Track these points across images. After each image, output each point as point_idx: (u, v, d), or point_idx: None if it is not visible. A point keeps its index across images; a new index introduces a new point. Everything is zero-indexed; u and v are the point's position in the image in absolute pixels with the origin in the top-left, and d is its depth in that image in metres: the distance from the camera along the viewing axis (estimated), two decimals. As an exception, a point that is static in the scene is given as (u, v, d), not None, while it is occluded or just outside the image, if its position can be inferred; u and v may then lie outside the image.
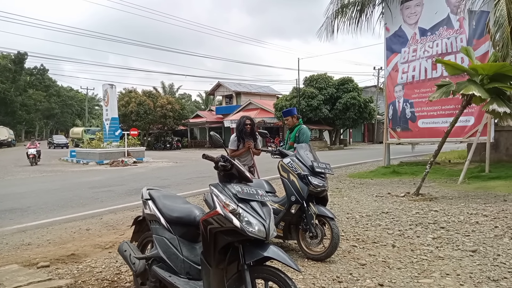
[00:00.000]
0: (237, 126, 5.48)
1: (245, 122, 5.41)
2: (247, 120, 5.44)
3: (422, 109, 11.08)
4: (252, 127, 5.42)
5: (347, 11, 12.29)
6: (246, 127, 5.37)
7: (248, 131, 5.38)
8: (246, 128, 5.37)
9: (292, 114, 5.49)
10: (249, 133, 5.40)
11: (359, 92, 32.58)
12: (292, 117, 5.47)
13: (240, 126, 5.41)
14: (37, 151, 19.83)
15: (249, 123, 5.41)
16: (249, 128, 5.38)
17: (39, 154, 20.21)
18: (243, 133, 5.37)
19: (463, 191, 7.78)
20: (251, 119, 5.54)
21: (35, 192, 10.04)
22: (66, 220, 6.53)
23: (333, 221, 3.94)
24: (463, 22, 10.16)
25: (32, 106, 56.64)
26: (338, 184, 9.67)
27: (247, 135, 5.40)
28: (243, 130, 5.36)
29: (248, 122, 5.40)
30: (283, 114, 5.76)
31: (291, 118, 5.47)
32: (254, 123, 5.54)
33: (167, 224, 2.89)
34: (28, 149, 19.74)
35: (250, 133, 5.41)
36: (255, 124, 5.66)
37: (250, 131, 5.40)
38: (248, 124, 5.39)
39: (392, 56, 12.12)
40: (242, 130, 5.37)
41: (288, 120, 5.53)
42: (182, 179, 12.23)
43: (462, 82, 7.16)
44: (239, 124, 5.45)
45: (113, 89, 22.42)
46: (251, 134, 5.43)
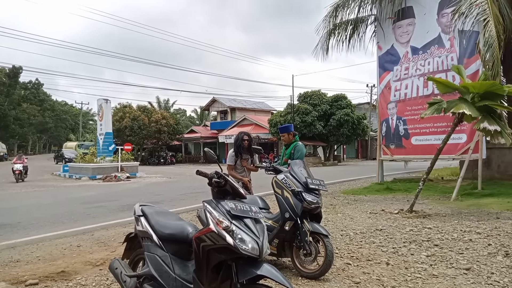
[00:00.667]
0: (235, 142, 5.60)
1: (243, 137, 5.51)
2: (244, 136, 5.54)
3: (415, 126, 11.19)
4: (250, 143, 5.53)
5: (340, 30, 12.52)
6: (244, 142, 5.46)
7: (245, 147, 5.48)
8: (244, 144, 5.46)
9: (288, 131, 5.48)
10: (246, 149, 5.50)
11: (352, 109, 32.92)
12: (289, 134, 5.47)
13: (238, 141, 5.51)
14: (23, 167, 18.71)
15: (246, 138, 5.51)
16: (247, 143, 5.48)
17: (25, 170, 19.10)
18: (241, 148, 5.46)
19: (456, 208, 7.80)
20: (248, 134, 5.64)
21: (26, 208, 9.90)
22: (57, 236, 6.42)
23: (327, 239, 3.92)
24: (453, 41, 10.38)
25: (25, 120, 56.32)
26: (332, 200, 9.66)
27: (245, 151, 5.50)
28: (241, 146, 5.46)
29: (245, 138, 5.51)
30: (279, 130, 5.78)
31: (287, 135, 5.47)
32: (251, 138, 5.64)
33: (159, 241, 2.86)
34: (14, 164, 18.59)
35: (248, 148, 5.51)
36: (253, 139, 5.73)
37: (248, 146, 5.49)
38: (245, 139, 5.49)
39: (384, 74, 12.30)
40: (240, 146, 5.46)
41: (284, 137, 5.50)
42: (176, 194, 12.14)
43: (453, 100, 7.26)
44: (237, 140, 5.54)
45: (108, 104, 22.42)
46: (249, 150, 5.52)
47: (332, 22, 12.29)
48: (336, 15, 12.13)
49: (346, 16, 12.21)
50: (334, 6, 12.16)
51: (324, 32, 12.55)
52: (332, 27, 12.42)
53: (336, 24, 12.35)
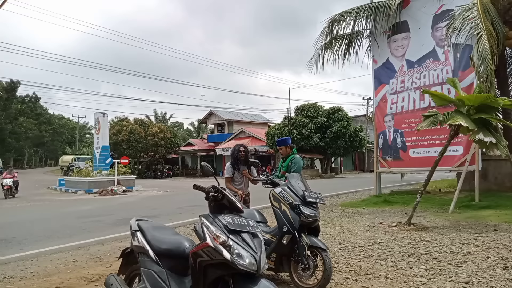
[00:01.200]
0: (231, 154, 5.63)
1: (239, 149, 5.57)
2: (241, 148, 5.60)
3: (413, 139, 11.23)
4: (246, 154, 5.58)
5: (335, 44, 12.66)
6: (240, 154, 5.52)
7: (242, 158, 5.52)
8: (241, 155, 5.52)
9: (286, 143, 5.56)
10: (243, 160, 5.54)
11: (349, 121, 33.07)
12: (286, 147, 5.54)
13: (234, 153, 5.57)
14: (13, 182, 17.30)
15: (243, 150, 5.57)
16: (243, 155, 5.53)
17: (16, 186, 17.67)
18: (238, 160, 5.50)
19: (454, 220, 7.78)
20: (245, 146, 5.70)
21: (21, 222, 9.79)
22: (52, 252, 6.34)
23: (326, 252, 3.89)
24: (448, 54, 10.51)
25: (22, 134, 56.14)
26: (330, 213, 9.62)
27: (242, 163, 5.54)
28: (237, 157, 5.50)
29: (242, 150, 5.57)
30: (277, 143, 5.83)
31: (285, 148, 5.54)
32: (248, 150, 5.71)
33: (156, 257, 2.83)
34: (4, 179, 17.27)
35: (245, 160, 5.54)
36: (249, 152, 5.76)
37: (245, 158, 5.53)
38: (242, 151, 5.54)
39: (380, 87, 12.40)
40: (236, 157, 5.50)
41: (282, 149, 5.58)
42: (173, 208, 12.06)
43: (449, 113, 7.31)
44: (233, 152, 5.60)
45: (105, 118, 22.43)
46: (246, 161, 5.54)
47: (328, 36, 12.43)
48: (332, 29, 12.29)
49: (342, 30, 12.37)
50: (330, 21, 12.33)
51: (320, 46, 12.70)
52: (327, 41, 12.57)
53: (332, 38, 12.49)
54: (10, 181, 17.09)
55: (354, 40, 12.84)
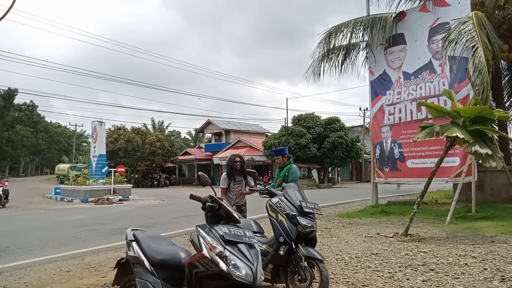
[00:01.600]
0: (227, 164, 5.63)
1: (235, 159, 5.58)
2: (236, 158, 5.60)
3: (411, 150, 11.26)
4: (242, 164, 5.60)
5: (332, 55, 12.77)
6: (236, 164, 5.52)
7: (238, 168, 5.53)
8: (236, 165, 5.52)
9: (283, 153, 5.52)
10: (239, 170, 5.55)
11: (346, 132, 33.18)
12: (283, 157, 5.50)
13: (230, 163, 5.59)
14: (3, 191, 16.63)
15: (238, 160, 5.57)
16: (239, 165, 5.54)
17: (6, 195, 16.90)
18: (233, 170, 5.50)
19: (451, 231, 7.78)
20: (240, 157, 5.71)
21: (15, 231, 9.70)
22: (46, 261, 6.27)
23: (323, 263, 3.87)
24: (444, 67, 10.62)
25: (18, 142, 55.93)
26: (327, 223, 9.59)
27: (237, 172, 5.55)
28: (233, 168, 5.50)
29: (238, 160, 5.57)
30: (274, 153, 5.81)
31: (282, 157, 5.52)
32: (244, 160, 5.70)
33: (151, 267, 2.81)
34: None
35: (240, 170, 5.55)
36: (245, 162, 5.76)
37: (240, 168, 5.55)
38: (237, 161, 5.54)
39: (377, 98, 12.48)
40: (232, 168, 5.51)
41: (279, 159, 5.55)
42: (169, 218, 11.99)
43: (446, 124, 7.36)
44: (229, 162, 5.62)
45: (102, 126, 22.40)
46: (241, 171, 5.54)
47: (325, 47, 12.55)
48: (330, 41, 12.41)
49: (339, 42, 12.49)
50: (328, 32, 12.46)
51: (317, 57, 12.81)
52: (325, 52, 12.68)
53: (329, 49, 12.61)
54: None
55: (351, 51, 12.97)
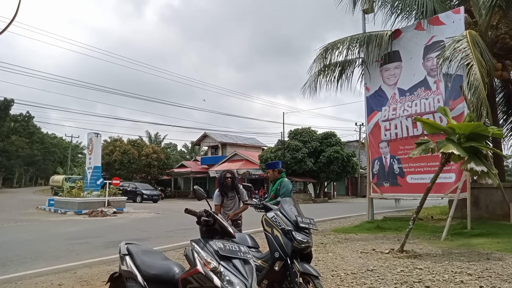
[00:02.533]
0: (218, 180, 5.61)
1: (226, 175, 5.56)
2: (227, 174, 5.59)
3: (410, 165, 11.28)
4: (233, 180, 5.55)
5: (329, 71, 12.92)
6: (227, 180, 5.50)
7: (229, 184, 5.50)
8: (227, 182, 5.50)
9: (274, 167, 5.59)
10: (230, 186, 5.53)
11: (342, 146, 33.31)
12: (273, 170, 5.58)
13: (221, 179, 5.55)
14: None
15: (229, 176, 5.55)
16: (230, 181, 5.52)
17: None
18: (224, 186, 5.48)
19: (447, 248, 7.76)
20: (232, 172, 5.69)
21: (6, 243, 9.56)
22: (37, 274, 6.17)
23: (318, 280, 3.84)
24: (439, 84, 10.76)
25: (13, 153, 55.52)
26: (322, 238, 9.54)
27: (229, 188, 5.53)
28: (223, 184, 5.49)
29: (228, 176, 5.55)
30: (266, 166, 5.94)
31: (272, 171, 5.59)
32: (235, 176, 5.68)
33: (144, 282, 2.78)
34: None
35: (232, 186, 5.53)
36: (236, 177, 5.75)
37: (231, 184, 5.51)
38: (228, 177, 5.52)
39: (373, 114, 12.58)
40: (223, 184, 5.49)
41: (270, 173, 5.64)
42: (163, 231, 11.88)
43: (441, 141, 7.42)
44: (220, 178, 5.60)
45: (98, 138, 22.32)
46: (233, 187, 5.52)
47: (322, 63, 12.69)
48: (326, 57, 12.56)
49: (335, 58, 12.65)
50: (324, 48, 12.62)
51: (314, 72, 12.95)
52: (321, 68, 12.82)
53: (325, 65, 12.75)
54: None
55: (347, 67, 13.14)
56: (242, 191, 5.62)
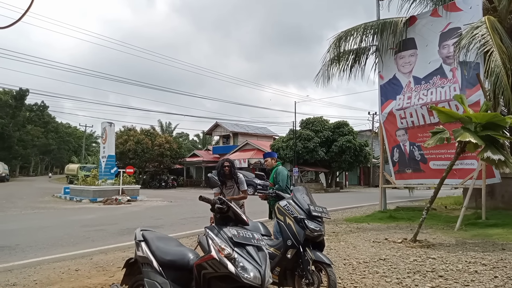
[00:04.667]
0: (216, 169, 5.58)
1: (223, 164, 5.53)
2: (225, 162, 5.56)
3: (431, 152, 11.06)
4: (231, 169, 5.51)
5: (342, 59, 12.73)
6: (225, 169, 5.47)
7: (227, 173, 5.47)
8: (225, 170, 5.47)
9: (271, 156, 6.05)
10: (228, 175, 5.50)
11: (354, 136, 33.02)
12: (272, 159, 5.96)
13: (218, 168, 5.52)
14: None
15: (227, 165, 5.52)
16: (228, 170, 5.48)
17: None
18: (222, 175, 5.44)
19: (461, 238, 7.68)
20: (230, 161, 5.66)
21: (25, 230, 9.81)
22: (55, 260, 6.34)
23: (330, 268, 3.86)
24: (455, 72, 10.51)
25: (29, 142, 56.59)
26: (334, 228, 9.54)
27: (227, 177, 5.50)
28: (220, 172, 5.44)
29: (226, 164, 5.52)
30: (263, 155, 6.26)
31: (270, 159, 5.96)
32: (233, 165, 5.63)
33: (160, 268, 2.82)
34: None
35: (229, 175, 5.50)
36: (235, 166, 5.73)
37: (229, 172, 5.49)
38: (226, 166, 5.50)
39: (387, 103, 12.39)
40: (220, 172, 5.44)
41: (267, 161, 5.99)
42: (176, 219, 12.03)
43: (458, 130, 7.29)
44: (218, 166, 5.57)
45: (112, 127, 22.58)
46: (231, 176, 5.51)
47: (335, 51, 12.50)
48: (339, 45, 12.36)
49: (348, 46, 12.44)
50: (337, 37, 12.42)
51: (326, 61, 12.77)
52: (334, 56, 12.64)
53: (338, 54, 12.56)
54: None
55: (360, 56, 12.91)
56: (241, 180, 5.59)
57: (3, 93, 50.71)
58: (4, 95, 50.58)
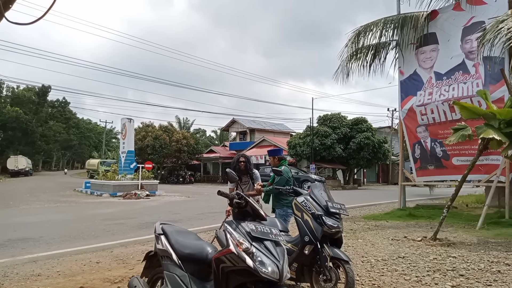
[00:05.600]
0: (231, 164, 5.55)
1: (239, 159, 5.52)
2: (241, 158, 5.55)
3: (453, 148, 10.82)
4: (246, 164, 5.49)
5: (361, 55, 12.53)
6: (240, 164, 5.46)
7: (242, 168, 5.46)
8: (240, 166, 5.46)
9: (274, 155, 5.61)
10: (243, 170, 5.48)
11: (373, 133, 32.59)
12: (273, 158, 5.58)
13: (234, 163, 5.51)
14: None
15: (243, 160, 5.51)
16: (243, 165, 5.47)
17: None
18: (237, 171, 5.38)
19: (483, 237, 7.51)
20: (246, 156, 5.64)
21: (48, 222, 10.10)
22: (77, 252, 6.51)
23: (348, 265, 3.83)
24: (478, 67, 10.22)
25: (51, 137, 58.12)
26: (352, 225, 9.46)
27: (242, 173, 5.47)
28: (236, 168, 5.42)
29: (242, 160, 5.51)
30: (268, 153, 5.96)
31: (272, 159, 5.60)
32: (249, 160, 5.61)
33: (179, 261, 2.86)
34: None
35: (245, 170, 5.48)
36: (251, 161, 5.70)
37: (245, 168, 5.47)
38: (242, 161, 5.48)
39: (407, 99, 12.16)
40: (235, 168, 5.42)
41: (270, 160, 5.69)
42: (194, 214, 12.16)
43: (481, 126, 7.11)
44: (233, 162, 5.56)
45: (131, 123, 22.96)
46: (246, 172, 5.50)
47: (354, 47, 12.32)
48: (358, 40, 12.18)
49: (367, 41, 12.23)
50: (356, 32, 12.23)
51: (345, 57, 12.61)
52: (352, 52, 12.46)
53: (357, 49, 12.38)
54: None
55: (380, 51, 12.68)
56: (257, 176, 5.55)
57: (27, 89, 52.18)
58: (27, 91, 52.02)
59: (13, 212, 12.52)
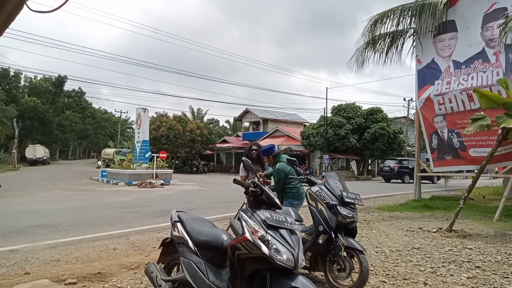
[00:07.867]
0: (244, 152, 5.59)
1: (251, 147, 5.56)
2: (253, 146, 5.59)
3: (470, 139, 10.58)
4: (259, 153, 5.48)
5: (377, 43, 12.29)
6: (252, 152, 5.50)
7: (254, 157, 5.48)
8: (252, 154, 5.48)
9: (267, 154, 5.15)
10: (255, 159, 5.49)
11: (388, 123, 32.16)
12: (268, 157, 5.19)
13: (246, 152, 5.54)
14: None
15: (255, 148, 5.54)
16: (255, 153, 5.48)
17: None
18: (248, 158, 5.26)
19: (500, 229, 7.39)
20: (258, 145, 5.67)
21: (66, 210, 10.33)
22: (94, 239, 6.65)
23: (363, 254, 3.82)
24: (499, 55, 9.92)
25: (68, 127, 59.08)
26: (366, 216, 9.42)
27: (253, 161, 5.44)
28: (248, 156, 5.44)
29: (254, 148, 5.55)
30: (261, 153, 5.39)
31: (267, 158, 5.22)
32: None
33: (195, 248, 2.90)
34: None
35: (257, 159, 5.49)
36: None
37: (257, 156, 5.48)
38: (254, 149, 5.50)
39: (424, 88, 11.92)
40: (247, 156, 5.44)
41: (266, 160, 5.32)
42: (208, 203, 12.27)
43: (501, 116, 6.94)
44: (245, 150, 5.61)
45: (146, 113, 23.17)
46: (258, 160, 5.49)
47: (370, 35, 12.08)
48: (374, 29, 11.93)
49: (384, 29, 11.98)
50: (373, 20, 11.98)
51: (361, 45, 12.39)
52: (369, 40, 12.23)
53: (374, 37, 12.14)
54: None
55: (397, 39, 12.42)
56: (267, 166, 5.48)
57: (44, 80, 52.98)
58: (44, 82, 52.84)
59: (32, 200, 12.85)
